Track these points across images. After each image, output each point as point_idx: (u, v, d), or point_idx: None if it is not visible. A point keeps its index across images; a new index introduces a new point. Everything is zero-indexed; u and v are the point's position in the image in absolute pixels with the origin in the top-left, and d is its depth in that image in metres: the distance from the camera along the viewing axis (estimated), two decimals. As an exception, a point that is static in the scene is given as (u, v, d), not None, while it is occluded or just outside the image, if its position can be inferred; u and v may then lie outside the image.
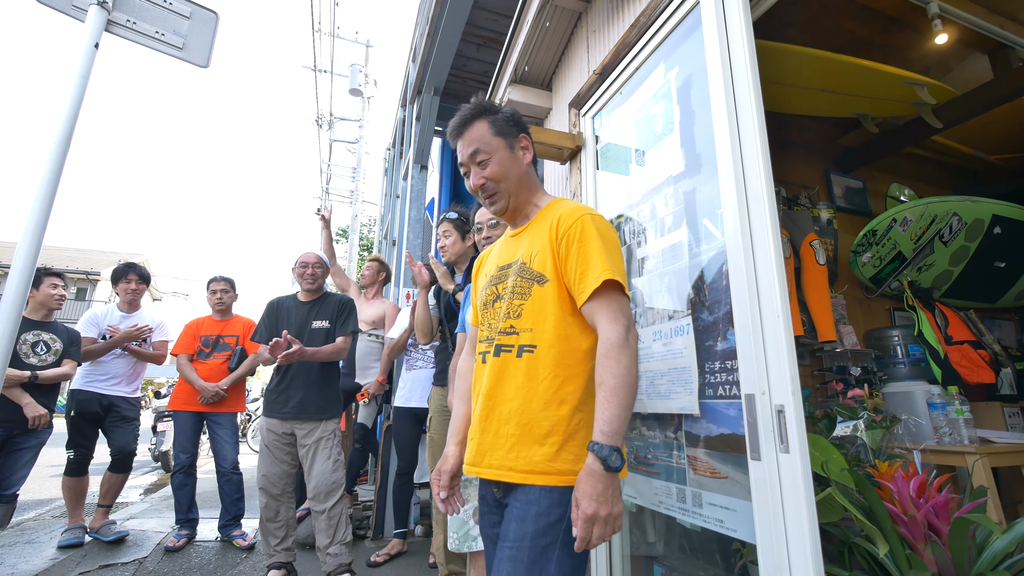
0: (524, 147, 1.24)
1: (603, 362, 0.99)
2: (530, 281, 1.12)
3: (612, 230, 1.14)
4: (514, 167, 1.21)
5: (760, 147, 1.26)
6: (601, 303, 1.03)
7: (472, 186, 1.21)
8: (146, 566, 2.84)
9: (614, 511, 0.92)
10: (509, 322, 1.12)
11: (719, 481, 1.27)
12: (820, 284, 2.61)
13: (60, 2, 1.93)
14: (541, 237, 1.14)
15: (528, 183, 1.24)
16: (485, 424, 1.10)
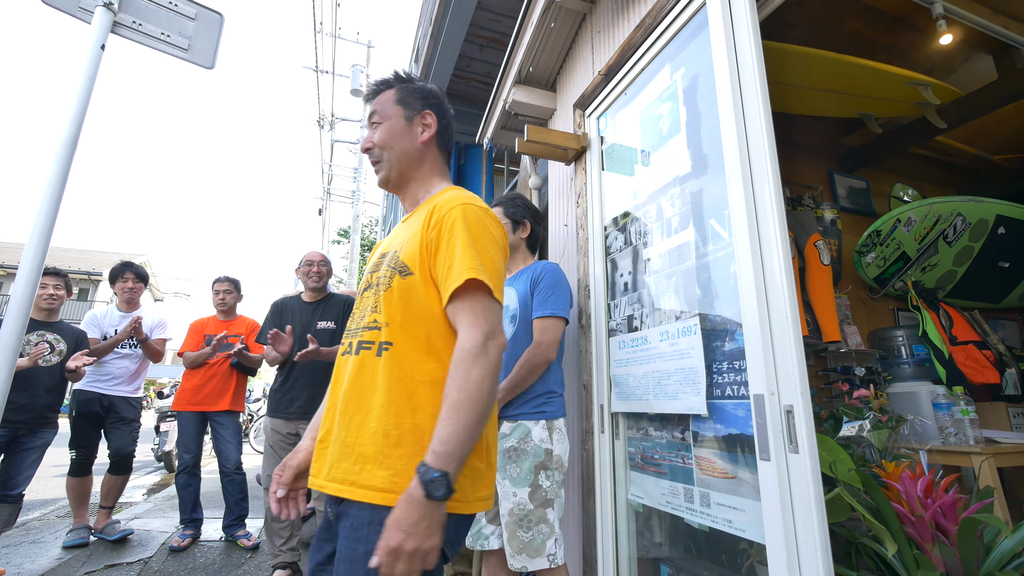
0: (427, 124, 1.15)
1: (452, 372, 0.87)
2: (395, 271, 1.01)
3: (495, 225, 1.02)
4: (403, 139, 1.12)
5: (768, 148, 1.26)
6: (463, 305, 0.92)
7: (361, 149, 1.17)
8: (151, 566, 2.84)
9: (424, 546, 0.77)
10: (373, 316, 1.01)
11: (727, 481, 1.27)
12: (824, 284, 2.61)
13: (66, 3, 1.93)
14: (416, 225, 1.03)
15: (418, 162, 1.14)
16: (336, 431, 0.95)
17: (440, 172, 1.19)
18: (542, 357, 1.64)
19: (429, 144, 1.15)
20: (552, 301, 1.69)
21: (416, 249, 0.99)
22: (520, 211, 1.91)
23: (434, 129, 1.15)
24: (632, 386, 1.68)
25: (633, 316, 1.74)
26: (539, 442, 1.57)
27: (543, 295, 1.70)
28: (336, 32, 11.72)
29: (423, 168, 1.15)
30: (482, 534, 1.65)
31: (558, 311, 1.68)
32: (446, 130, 1.21)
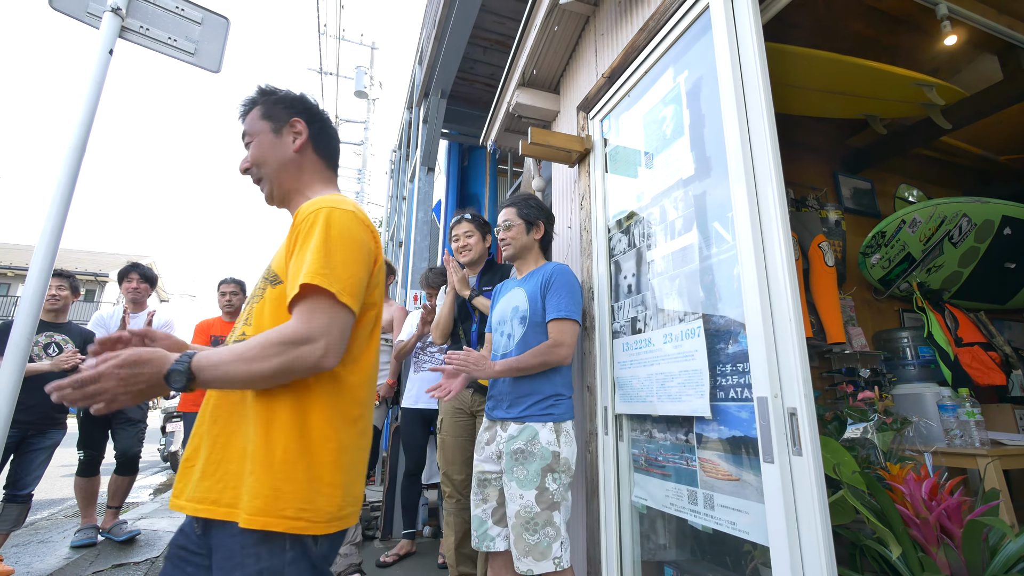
0: (297, 132, 1.12)
1: (259, 336, 0.85)
2: (267, 282, 0.99)
3: (362, 231, 0.96)
4: (275, 152, 1.10)
5: (771, 150, 1.26)
6: (299, 308, 0.87)
7: (240, 171, 1.14)
8: (158, 565, 2.86)
9: (120, 380, 0.78)
10: (243, 328, 0.99)
11: (731, 483, 1.28)
12: (829, 286, 2.61)
13: (75, 9, 1.95)
14: (287, 233, 1.00)
15: (296, 172, 1.11)
16: (202, 450, 0.92)
17: (322, 178, 1.16)
18: (557, 357, 1.64)
19: (303, 151, 1.13)
20: (565, 303, 1.69)
21: (283, 256, 0.97)
22: (534, 212, 1.90)
23: (305, 135, 1.13)
24: (636, 388, 1.68)
25: (637, 318, 1.74)
26: (546, 444, 1.57)
27: (557, 296, 1.70)
28: (340, 34, 11.78)
29: (303, 177, 1.13)
30: (488, 535, 1.66)
31: (572, 314, 1.68)
32: (321, 133, 1.16)
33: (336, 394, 0.93)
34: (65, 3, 1.88)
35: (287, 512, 0.83)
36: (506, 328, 1.79)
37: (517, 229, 1.87)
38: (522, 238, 1.87)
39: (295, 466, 0.85)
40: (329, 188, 1.16)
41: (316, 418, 0.89)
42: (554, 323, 1.68)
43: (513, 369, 1.65)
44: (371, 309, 1.01)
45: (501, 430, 1.69)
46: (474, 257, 2.32)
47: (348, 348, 0.94)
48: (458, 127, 5.15)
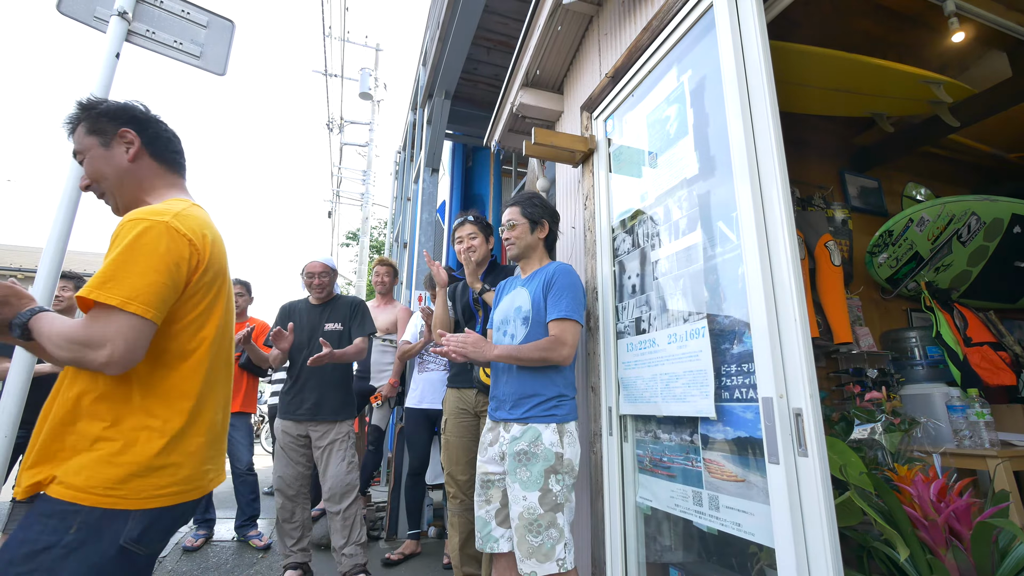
0: (128, 141, 1.12)
1: (71, 322, 0.97)
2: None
3: (164, 239, 0.99)
4: (108, 165, 1.11)
5: (775, 149, 1.26)
6: (89, 315, 0.94)
7: (80, 188, 1.16)
8: (165, 565, 2.88)
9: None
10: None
11: (736, 484, 1.27)
12: (835, 285, 2.59)
13: (82, 13, 1.97)
14: None
15: (136, 181, 1.13)
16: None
17: (166, 183, 1.17)
18: (558, 355, 1.62)
19: (139, 159, 1.13)
20: (567, 303, 1.67)
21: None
22: (538, 211, 1.88)
23: (138, 144, 1.13)
24: (640, 388, 1.68)
25: (641, 318, 1.74)
26: (549, 445, 1.56)
27: (558, 296, 1.68)
28: (345, 36, 11.83)
29: (144, 185, 1.14)
30: (492, 536, 1.65)
31: (573, 314, 1.66)
32: (156, 139, 1.17)
33: (150, 386, 1.01)
34: (72, 7, 1.90)
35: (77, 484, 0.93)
36: (509, 328, 1.79)
37: (521, 228, 1.86)
38: (526, 237, 1.86)
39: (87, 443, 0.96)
40: (173, 192, 1.17)
41: (131, 404, 1.00)
42: (555, 323, 1.66)
43: (512, 357, 1.63)
44: (193, 311, 1.07)
45: (504, 431, 1.68)
46: (480, 257, 2.32)
47: (165, 348, 1.03)
48: (462, 128, 5.15)
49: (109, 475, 0.94)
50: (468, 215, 2.35)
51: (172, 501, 1.01)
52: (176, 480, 1.01)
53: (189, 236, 1.04)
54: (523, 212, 1.87)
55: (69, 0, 1.91)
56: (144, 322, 0.95)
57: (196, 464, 1.06)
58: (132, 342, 0.94)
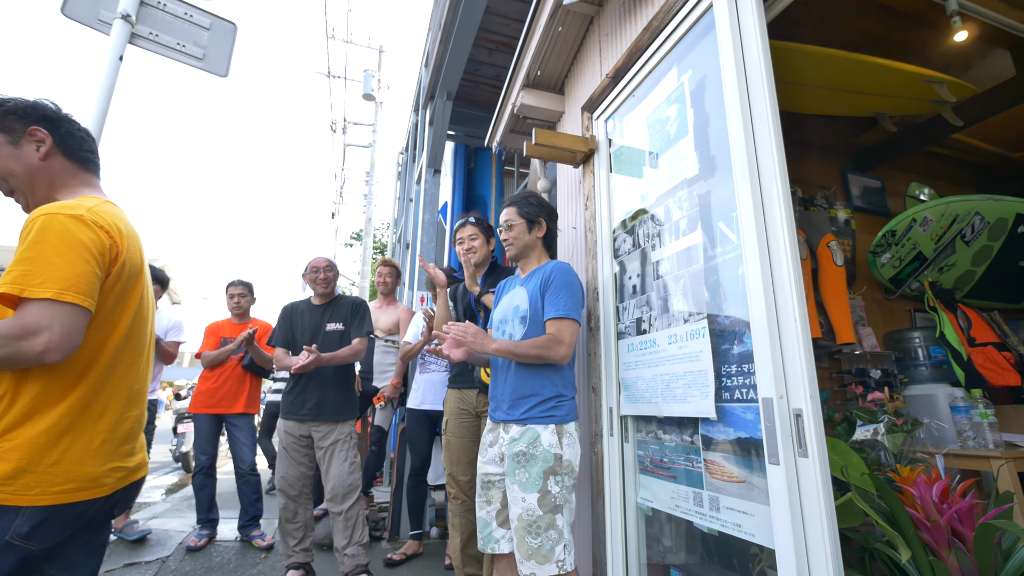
0: (39, 140, 1.13)
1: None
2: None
3: (81, 230, 1.01)
4: (18, 163, 1.12)
5: (775, 149, 1.25)
6: (21, 308, 0.95)
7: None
8: (168, 565, 2.89)
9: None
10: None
11: (736, 485, 1.27)
12: (838, 285, 2.58)
13: (86, 16, 1.99)
14: None
15: (48, 179, 1.15)
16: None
17: (79, 181, 1.18)
18: (555, 354, 1.59)
19: (51, 158, 1.15)
20: (566, 302, 1.64)
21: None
22: (535, 209, 1.87)
23: (50, 142, 1.14)
24: (641, 389, 1.68)
25: (642, 319, 1.73)
26: (548, 447, 1.55)
27: (556, 295, 1.66)
28: (348, 38, 11.87)
29: (56, 183, 1.16)
30: (492, 537, 1.65)
31: (571, 312, 1.64)
32: (69, 138, 1.18)
33: (48, 383, 1.00)
34: (76, 10, 1.92)
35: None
36: (507, 328, 1.78)
37: (519, 228, 1.85)
38: (524, 237, 1.85)
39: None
40: (87, 189, 1.18)
41: (27, 399, 0.99)
42: (552, 322, 1.64)
43: (509, 352, 1.62)
44: (105, 306, 1.07)
45: (503, 432, 1.68)
46: (479, 260, 2.32)
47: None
48: (464, 129, 5.16)
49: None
50: (470, 216, 2.34)
51: (68, 499, 1.00)
52: (73, 478, 1.01)
53: (107, 228, 1.06)
54: (520, 212, 1.87)
55: (73, 3, 1.92)
56: (81, 310, 0.98)
57: (98, 462, 1.05)
58: (69, 327, 0.95)
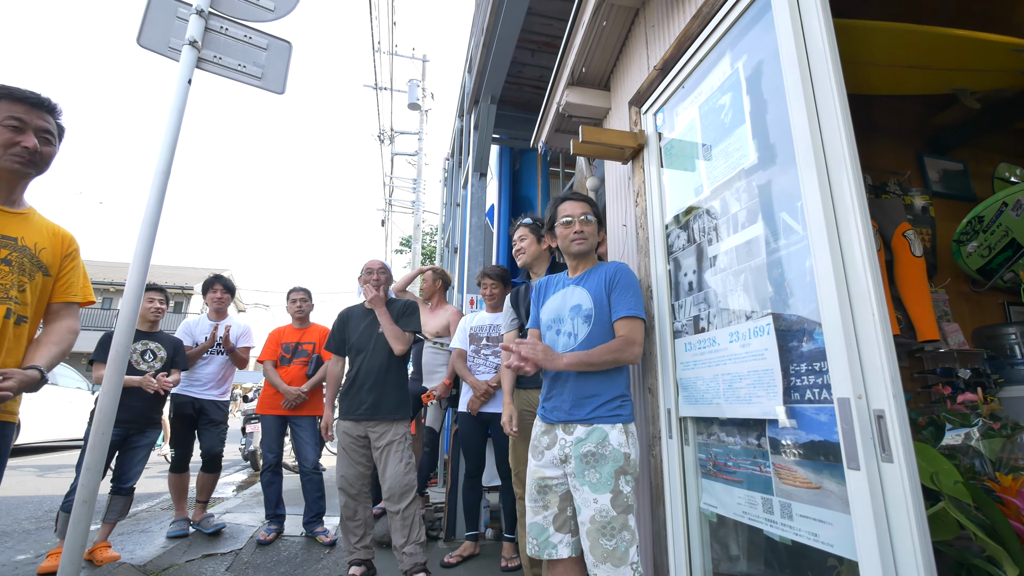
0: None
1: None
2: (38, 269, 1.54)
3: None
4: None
5: (843, 133, 1.17)
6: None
7: None
8: (241, 557, 3.06)
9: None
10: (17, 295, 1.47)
11: (811, 491, 1.19)
12: (917, 278, 2.38)
13: (158, 44, 2.13)
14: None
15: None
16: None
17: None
18: (631, 355, 1.62)
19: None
20: (632, 301, 1.67)
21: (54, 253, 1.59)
22: (599, 212, 1.89)
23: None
24: (701, 389, 1.61)
25: (699, 317, 1.67)
26: (618, 446, 1.55)
27: (624, 295, 1.68)
28: (393, 50, 12.22)
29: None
30: (550, 543, 1.63)
31: (640, 312, 1.67)
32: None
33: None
34: (150, 40, 2.06)
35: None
36: (565, 327, 1.77)
37: (593, 227, 1.85)
38: (594, 237, 1.85)
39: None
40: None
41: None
42: (624, 321, 1.65)
43: (583, 363, 1.61)
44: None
45: (564, 433, 1.66)
46: (527, 260, 2.34)
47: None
48: (508, 131, 5.19)
49: None
50: (525, 218, 2.41)
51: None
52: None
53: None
54: (594, 211, 1.87)
55: (147, 34, 2.07)
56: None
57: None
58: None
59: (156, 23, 2.07)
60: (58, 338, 1.48)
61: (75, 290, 1.59)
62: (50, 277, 1.51)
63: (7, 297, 1.38)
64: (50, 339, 1.47)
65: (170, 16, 2.09)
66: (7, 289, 1.39)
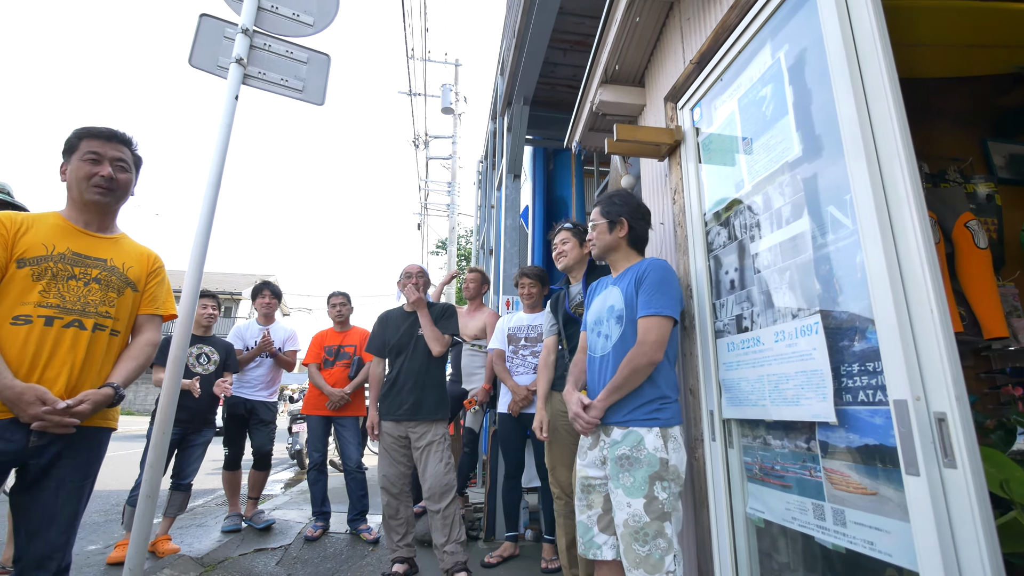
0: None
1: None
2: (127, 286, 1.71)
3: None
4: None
5: (895, 120, 1.11)
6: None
7: None
8: (290, 552, 3.18)
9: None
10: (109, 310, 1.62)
11: (866, 498, 1.13)
12: (982, 271, 2.23)
13: (208, 64, 2.25)
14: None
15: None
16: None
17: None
18: (645, 358, 1.56)
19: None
20: (657, 299, 1.61)
21: (140, 269, 1.77)
22: (616, 208, 1.83)
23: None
24: (745, 391, 1.56)
25: (742, 316, 1.62)
26: (653, 451, 1.50)
27: (647, 293, 1.63)
28: (426, 56, 12.43)
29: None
30: (594, 543, 1.62)
31: (663, 310, 1.59)
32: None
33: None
34: (200, 60, 2.17)
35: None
36: (603, 328, 1.75)
37: (600, 228, 1.84)
38: (604, 237, 1.82)
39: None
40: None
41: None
42: (642, 320, 1.61)
43: (614, 393, 1.60)
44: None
45: (604, 434, 1.65)
46: (569, 263, 2.34)
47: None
48: (542, 132, 5.18)
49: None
50: (566, 222, 2.41)
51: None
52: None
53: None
54: (602, 211, 1.85)
55: (198, 54, 2.19)
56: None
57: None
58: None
59: (205, 44, 2.18)
60: (137, 352, 1.64)
61: (158, 303, 1.73)
62: (138, 292, 1.67)
63: (96, 312, 1.53)
64: (130, 354, 1.62)
65: (218, 37, 2.20)
66: (96, 305, 1.54)
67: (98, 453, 1.56)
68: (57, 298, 1.46)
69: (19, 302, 1.41)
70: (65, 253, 1.51)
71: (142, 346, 1.67)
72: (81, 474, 1.48)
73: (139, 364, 1.63)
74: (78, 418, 1.41)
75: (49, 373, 1.41)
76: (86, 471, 1.50)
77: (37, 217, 1.55)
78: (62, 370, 1.43)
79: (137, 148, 1.71)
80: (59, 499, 1.42)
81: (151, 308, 1.72)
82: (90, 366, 1.50)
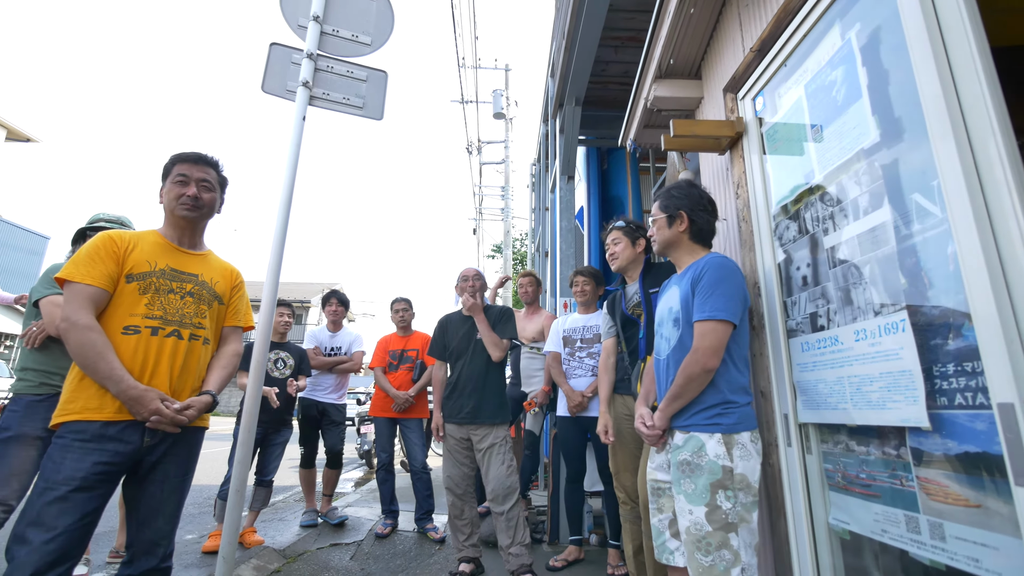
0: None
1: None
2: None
3: (96, 239, 1.64)
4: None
5: (988, 93, 1.02)
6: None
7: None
8: (363, 548, 3.33)
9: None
10: (203, 322, 1.76)
11: (968, 511, 1.03)
12: (1101, 257, 1.97)
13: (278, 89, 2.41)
14: None
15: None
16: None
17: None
18: (698, 366, 1.48)
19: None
20: (712, 301, 1.51)
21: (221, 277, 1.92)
22: (675, 201, 1.75)
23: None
24: (823, 393, 1.47)
25: (817, 313, 1.53)
26: (715, 457, 1.44)
27: (703, 295, 1.53)
28: (477, 63, 12.66)
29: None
30: (667, 547, 1.58)
31: (717, 313, 1.49)
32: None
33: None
34: (272, 86, 2.34)
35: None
36: (664, 331, 1.70)
37: (659, 223, 1.78)
38: (664, 232, 1.76)
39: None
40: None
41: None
42: (696, 325, 1.53)
43: (672, 404, 1.56)
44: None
45: (669, 437, 1.61)
46: (622, 264, 2.30)
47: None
48: (594, 132, 5.13)
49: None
50: (617, 221, 2.35)
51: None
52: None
53: (115, 239, 1.70)
54: (660, 206, 1.79)
55: (270, 81, 2.35)
56: (74, 292, 1.57)
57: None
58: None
59: (275, 71, 2.34)
60: (225, 362, 1.80)
61: (240, 316, 1.89)
62: (223, 305, 1.83)
63: (191, 323, 1.68)
64: (219, 363, 1.78)
65: (286, 63, 2.36)
66: (191, 316, 1.69)
67: (196, 451, 1.72)
68: (160, 310, 1.62)
69: (128, 313, 1.57)
70: (165, 269, 1.67)
71: (229, 356, 1.82)
72: (183, 470, 1.64)
73: (228, 372, 1.79)
74: (186, 420, 1.56)
75: (156, 379, 1.57)
76: (187, 467, 1.66)
77: (141, 235, 1.72)
78: (165, 375, 1.59)
79: (223, 169, 1.86)
80: (164, 492, 1.57)
81: (234, 320, 1.87)
82: (187, 372, 1.66)
